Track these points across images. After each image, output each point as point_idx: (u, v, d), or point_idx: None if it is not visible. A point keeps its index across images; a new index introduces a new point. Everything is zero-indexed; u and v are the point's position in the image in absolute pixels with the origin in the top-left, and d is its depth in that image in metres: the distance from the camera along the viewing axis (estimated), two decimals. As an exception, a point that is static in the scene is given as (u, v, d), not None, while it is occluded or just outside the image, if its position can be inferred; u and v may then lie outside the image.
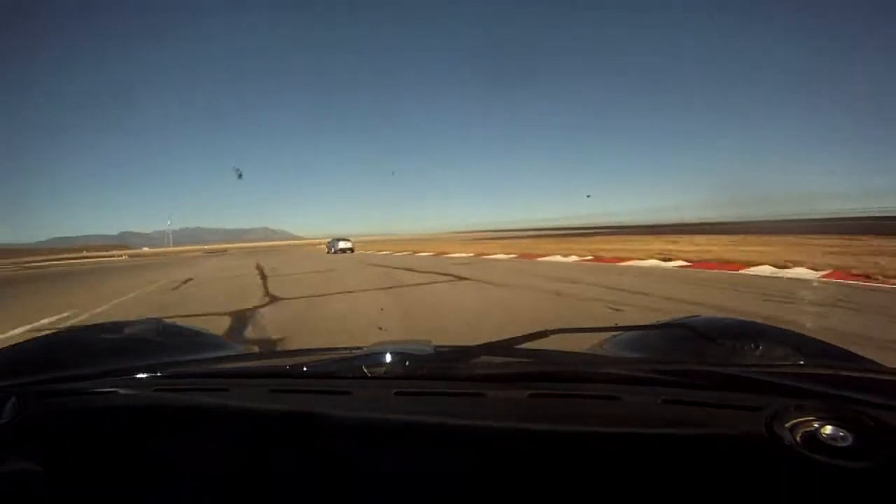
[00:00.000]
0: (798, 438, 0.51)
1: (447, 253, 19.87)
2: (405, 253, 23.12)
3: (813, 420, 0.53)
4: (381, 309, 5.72)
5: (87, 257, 77.11)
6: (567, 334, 0.91)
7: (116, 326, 1.14)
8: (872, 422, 0.53)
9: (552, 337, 0.84)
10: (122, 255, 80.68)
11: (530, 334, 0.84)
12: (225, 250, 75.30)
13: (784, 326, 0.99)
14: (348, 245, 28.93)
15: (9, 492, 0.55)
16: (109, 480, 0.57)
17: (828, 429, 0.52)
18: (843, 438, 0.51)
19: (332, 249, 29.02)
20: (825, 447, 0.50)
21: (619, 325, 1.11)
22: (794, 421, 0.54)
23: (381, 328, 4.66)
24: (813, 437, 0.51)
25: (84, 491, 0.55)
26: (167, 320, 1.26)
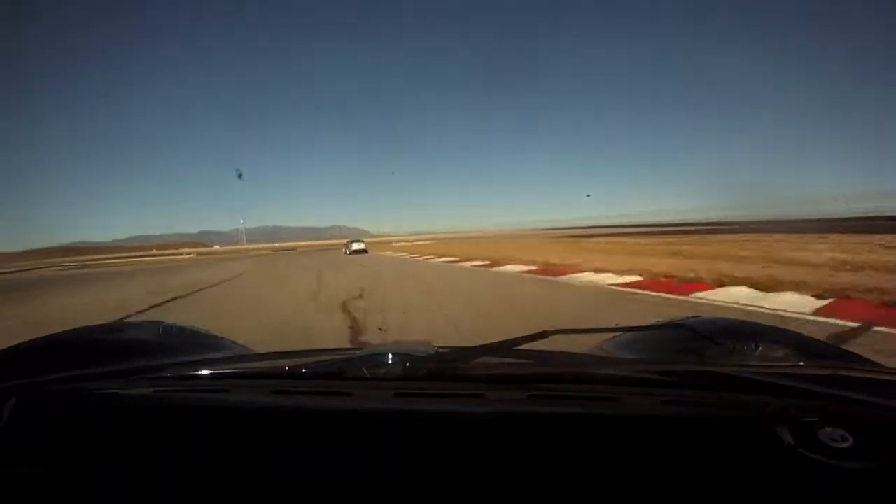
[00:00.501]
0: (798, 439, 0.51)
1: (568, 269, 9.61)
2: (477, 263, 13.53)
3: (813, 420, 0.53)
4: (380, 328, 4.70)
5: (153, 255, 79.78)
6: (567, 335, 0.90)
7: (117, 327, 1.17)
8: (872, 422, 0.53)
9: (552, 338, 0.83)
10: (189, 254, 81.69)
11: (530, 335, 0.82)
12: (294, 248, 77.72)
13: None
14: (361, 246, 30.24)
15: (9, 492, 0.55)
16: (110, 481, 0.56)
17: (828, 429, 0.52)
18: (843, 439, 0.51)
19: (348, 251, 29.62)
20: (825, 448, 0.50)
21: (620, 325, 1.05)
22: (794, 421, 0.53)
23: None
24: (813, 438, 0.51)
25: (84, 492, 0.55)
26: (168, 321, 1.23)
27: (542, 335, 0.81)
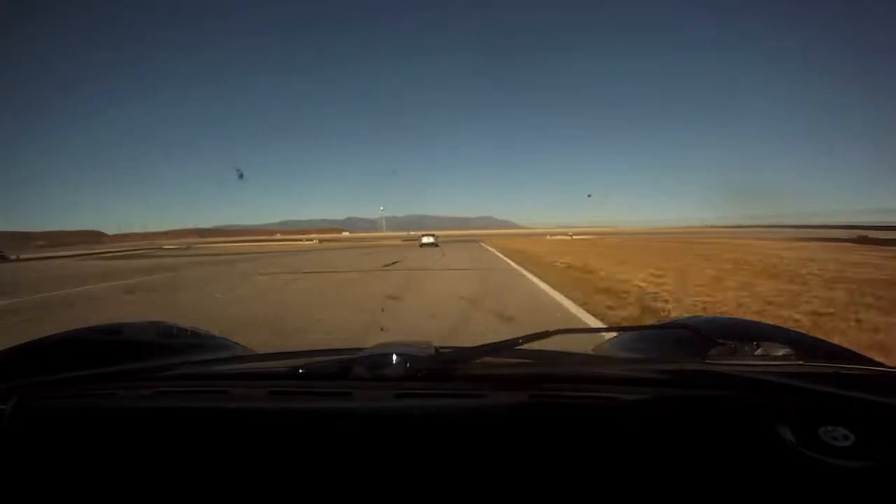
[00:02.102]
0: (799, 438, 0.51)
1: None
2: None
3: (814, 419, 0.53)
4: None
5: (271, 241, 77.04)
6: (569, 335, 0.89)
7: (117, 327, 1.13)
8: (874, 421, 0.53)
9: (554, 337, 0.83)
10: (312, 240, 74.89)
11: (532, 335, 0.82)
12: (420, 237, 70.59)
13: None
14: (431, 240, 32.83)
15: (8, 492, 0.55)
16: (109, 483, 0.56)
17: (829, 428, 0.52)
18: (844, 437, 0.51)
19: (420, 244, 32.09)
20: (826, 446, 0.50)
21: (620, 325, 1.07)
22: (795, 420, 0.53)
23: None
24: (814, 437, 0.51)
25: (83, 493, 0.55)
26: (168, 322, 1.24)
27: (544, 335, 0.82)
